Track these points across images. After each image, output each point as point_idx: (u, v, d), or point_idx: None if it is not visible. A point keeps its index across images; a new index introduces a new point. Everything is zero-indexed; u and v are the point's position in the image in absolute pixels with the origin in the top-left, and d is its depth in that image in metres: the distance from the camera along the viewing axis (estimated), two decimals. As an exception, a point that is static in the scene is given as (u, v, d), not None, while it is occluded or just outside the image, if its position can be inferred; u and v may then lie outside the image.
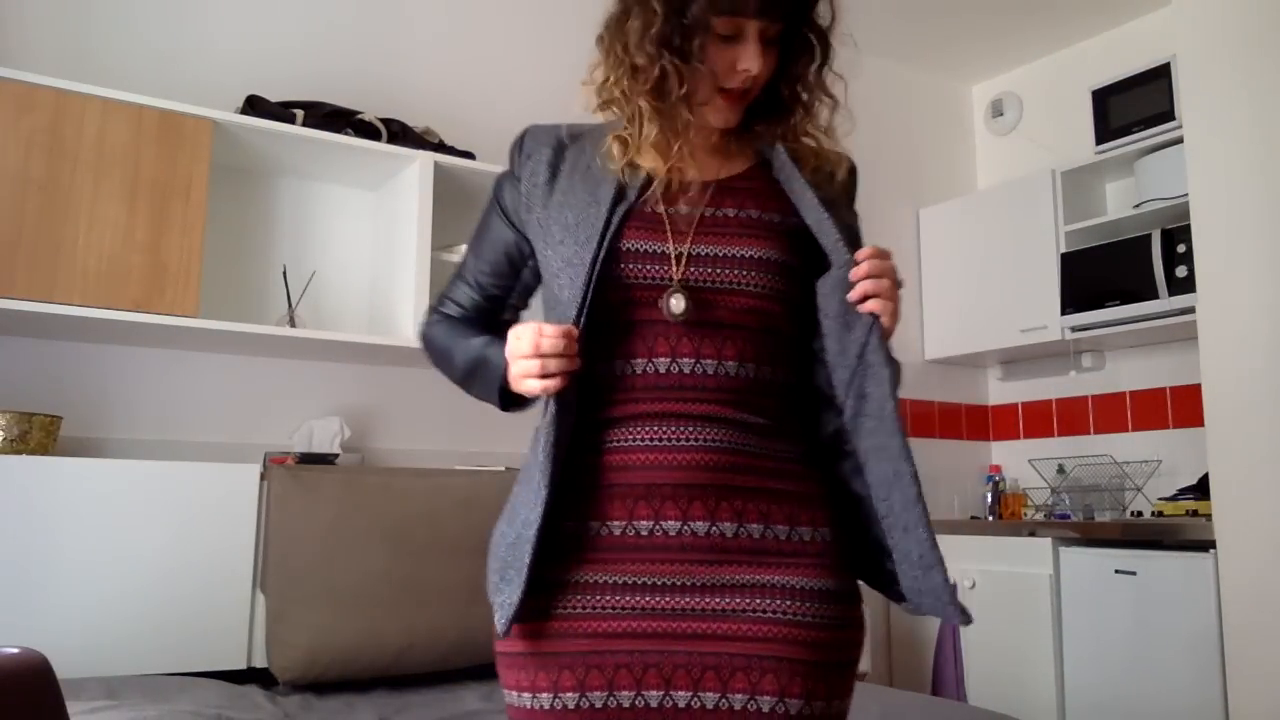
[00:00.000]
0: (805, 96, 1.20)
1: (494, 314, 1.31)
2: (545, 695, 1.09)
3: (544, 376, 1.08)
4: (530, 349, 1.08)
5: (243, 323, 2.51)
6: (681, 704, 1.07)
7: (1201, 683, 2.81)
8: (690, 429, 1.11)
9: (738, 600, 1.10)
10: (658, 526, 1.11)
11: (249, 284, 2.75)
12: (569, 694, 1.08)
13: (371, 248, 2.94)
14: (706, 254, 1.14)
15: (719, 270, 1.14)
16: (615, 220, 1.14)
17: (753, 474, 1.13)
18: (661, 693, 1.07)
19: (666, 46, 1.12)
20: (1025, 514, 3.94)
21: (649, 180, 1.17)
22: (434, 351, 1.33)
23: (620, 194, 1.16)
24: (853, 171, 1.27)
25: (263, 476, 2.40)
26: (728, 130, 1.21)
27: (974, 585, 3.45)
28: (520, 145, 1.26)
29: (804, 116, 1.20)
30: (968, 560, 3.50)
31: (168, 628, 2.23)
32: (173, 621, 2.23)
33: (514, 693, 1.13)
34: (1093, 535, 3.27)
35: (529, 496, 1.12)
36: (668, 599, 1.10)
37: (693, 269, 1.14)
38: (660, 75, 1.13)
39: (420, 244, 2.67)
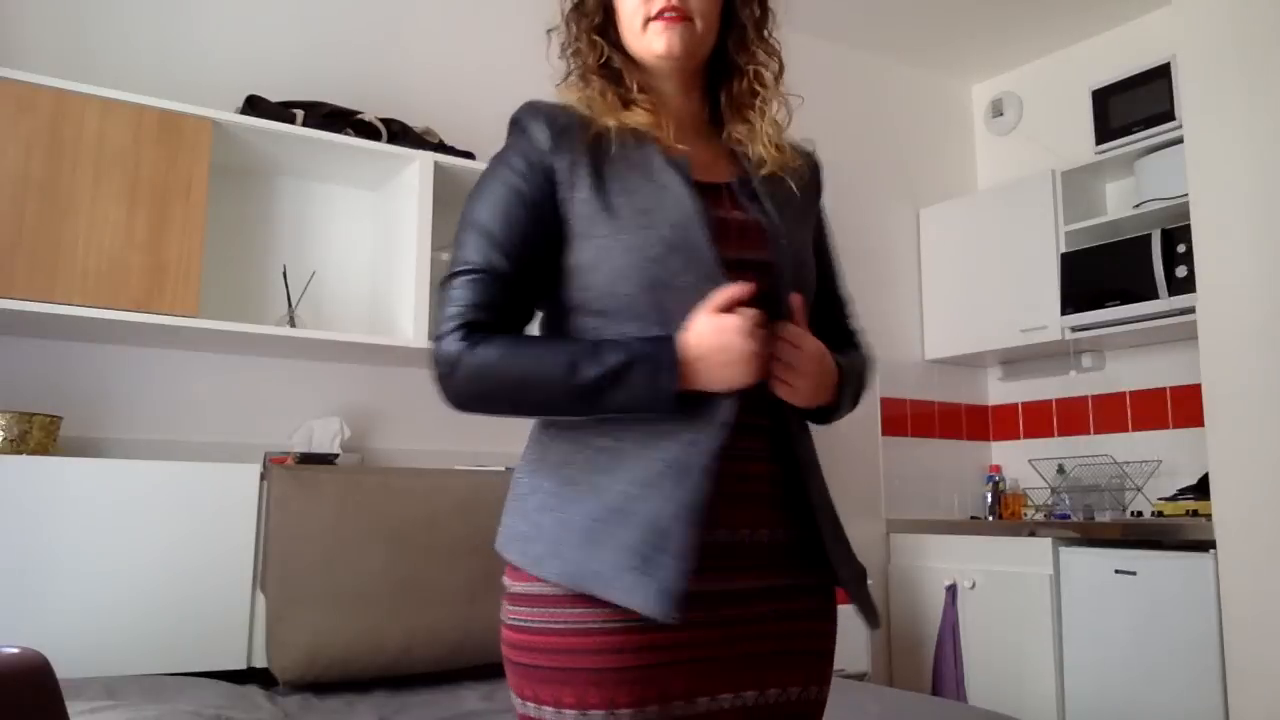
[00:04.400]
0: (754, 53, 1.22)
1: (522, 313, 1.15)
2: (625, 711, 1.03)
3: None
4: (754, 340, 1.04)
5: (243, 323, 2.51)
6: (750, 704, 1.10)
7: (1201, 683, 2.81)
8: (749, 440, 1.11)
9: (787, 602, 1.14)
10: (724, 534, 1.10)
11: (249, 284, 2.75)
12: (653, 707, 1.04)
13: (371, 248, 2.94)
14: (737, 259, 1.11)
15: (748, 276, 1.10)
16: (705, 214, 1.10)
17: (776, 483, 1.16)
18: (732, 695, 1.09)
19: (576, 10, 1.22)
20: (1025, 514, 3.93)
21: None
22: (504, 375, 1.07)
23: (687, 185, 1.11)
24: (816, 168, 1.30)
25: (263, 476, 2.40)
26: (704, 126, 1.24)
27: (974, 585, 3.45)
28: (545, 119, 1.15)
29: (753, 81, 1.22)
30: (968, 560, 3.50)
31: (168, 628, 2.23)
32: (173, 621, 2.24)
33: (572, 711, 1.04)
34: (1093, 535, 3.27)
35: (661, 484, 1.05)
36: (734, 606, 1.10)
37: (731, 272, 1.11)
38: (577, 44, 1.22)
39: (420, 244, 2.67)
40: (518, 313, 1.13)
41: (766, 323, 1.07)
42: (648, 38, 1.16)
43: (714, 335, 1.04)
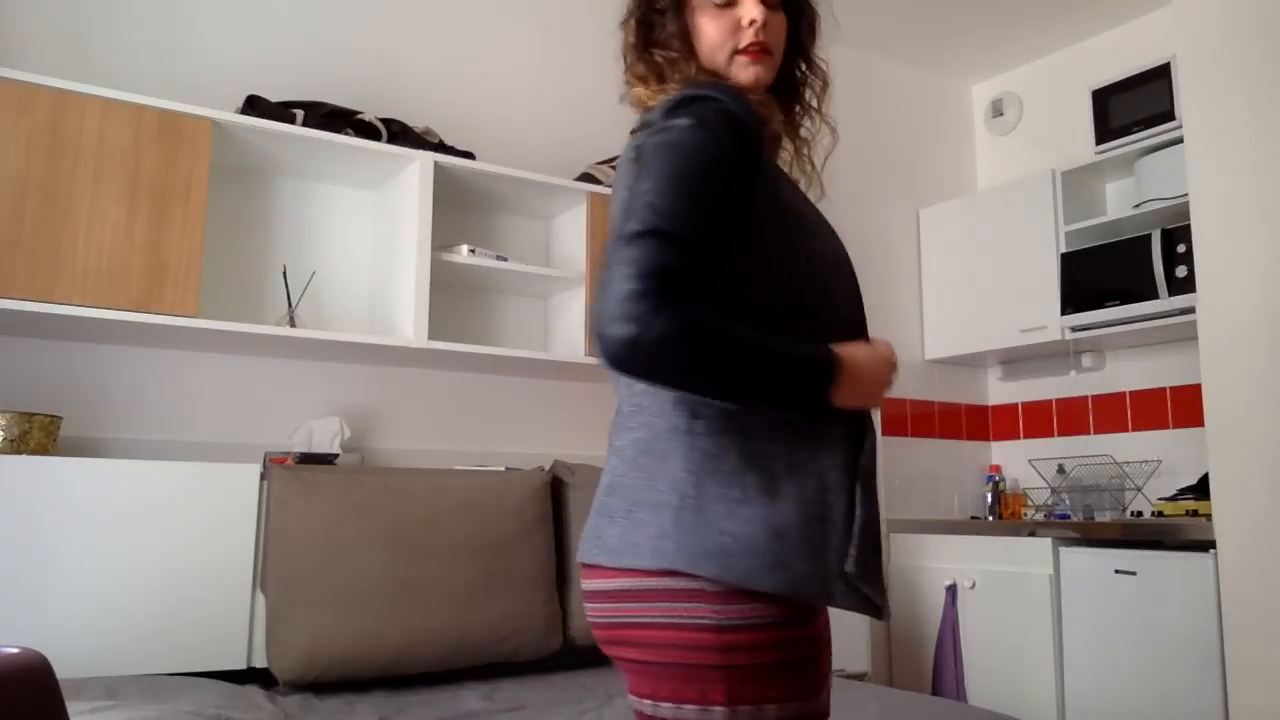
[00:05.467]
0: (811, 72, 1.29)
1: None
2: (820, 698, 1.10)
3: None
4: (894, 364, 1.14)
5: (243, 323, 2.50)
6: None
7: (1201, 683, 2.81)
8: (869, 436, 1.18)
9: None
10: None
11: (249, 284, 2.75)
12: (823, 695, 1.11)
13: (371, 248, 2.94)
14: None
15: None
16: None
17: None
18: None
19: (655, 46, 1.22)
20: (1025, 514, 3.94)
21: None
22: (724, 343, 1.00)
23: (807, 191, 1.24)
24: None
25: (263, 476, 2.40)
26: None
27: (974, 585, 3.45)
28: (747, 105, 1.12)
29: (813, 95, 1.29)
30: (968, 560, 3.50)
31: (168, 628, 2.23)
32: (173, 622, 2.24)
33: (794, 703, 1.05)
34: (1093, 535, 3.27)
35: (870, 497, 1.12)
36: None
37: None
38: (659, 65, 1.21)
39: (420, 244, 2.67)
40: (708, 291, 1.04)
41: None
42: (733, 69, 1.21)
43: (873, 360, 1.11)
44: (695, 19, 1.20)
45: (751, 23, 1.18)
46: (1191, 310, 2.96)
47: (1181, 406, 3.60)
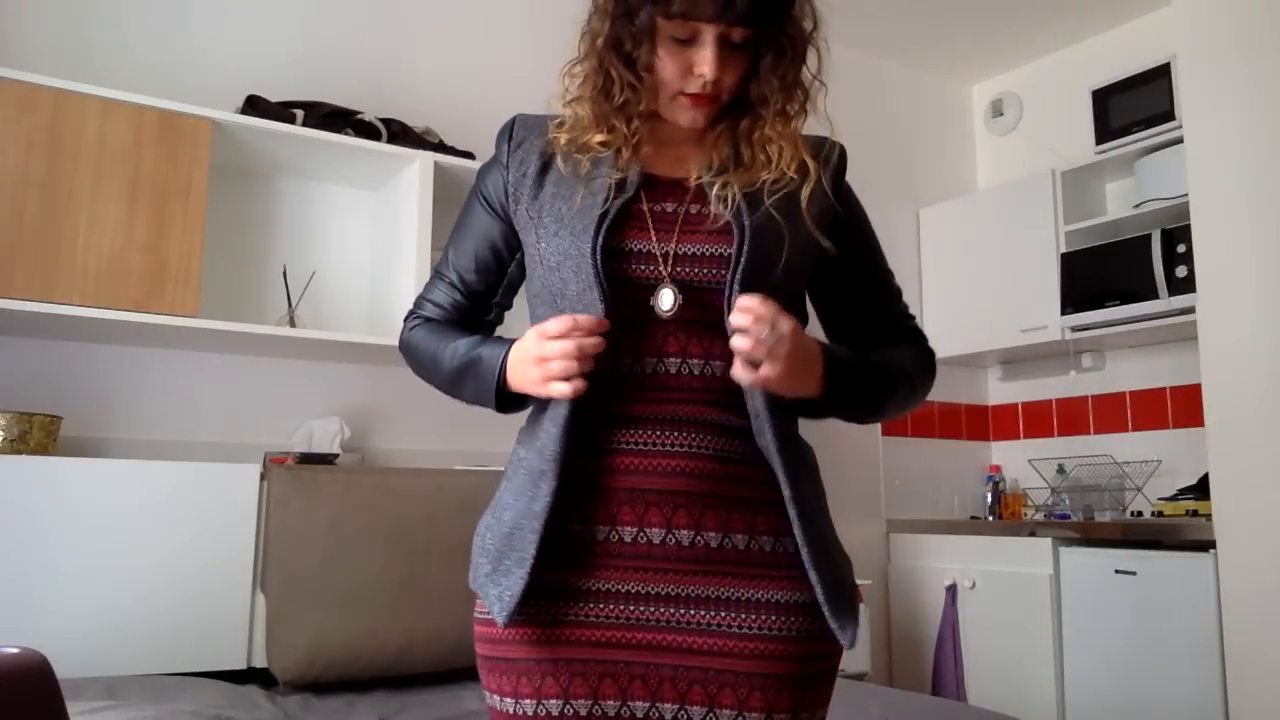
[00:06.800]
0: (771, 98, 1.15)
1: (477, 313, 1.29)
2: (528, 702, 1.09)
3: (566, 378, 1.04)
4: (540, 345, 1.07)
5: (243, 323, 2.51)
6: (668, 716, 1.07)
7: (1201, 683, 2.81)
8: (678, 434, 1.09)
9: (724, 614, 1.08)
10: (641, 534, 1.09)
11: (249, 284, 2.75)
12: (553, 701, 1.08)
13: (371, 248, 2.94)
14: (692, 253, 1.11)
15: (705, 269, 1.11)
16: (611, 215, 1.11)
17: (738, 483, 1.10)
18: (648, 704, 1.07)
19: (615, 51, 1.13)
20: (1025, 514, 3.94)
21: (644, 178, 1.15)
22: (418, 357, 1.28)
23: (618, 189, 1.13)
24: (840, 158, 1.22)
25: (263, 476, 2.40)
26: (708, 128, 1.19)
27: (974, 585, 3.45)
28: (509, 134, 1.23)
29: (770, 117, 1.15)
30: (968, 560, 3.50)
31: (168, 628, 2.23)
32: (173, 621, 2.23)
33: (496, 697, 1.13)
34: (1093, 535, 3.27)
35: (524, 490, 1.12)
36: (653, 609, 1.08)
37: (679, 268, 1.11)
38: (606, 80, 1.14)
39: (420, 244, 2.67)
40: (473, 312, 1.29)
41: (583, 331, 1.05)
42: (673, 108, 1.14)
43: (527, 341, 1.11)
44: (656, 48, 1.10)
45: (700, 76, 1.09)
46: (1191, 310, 2.96)
47: (1181, 406, 3.59)
